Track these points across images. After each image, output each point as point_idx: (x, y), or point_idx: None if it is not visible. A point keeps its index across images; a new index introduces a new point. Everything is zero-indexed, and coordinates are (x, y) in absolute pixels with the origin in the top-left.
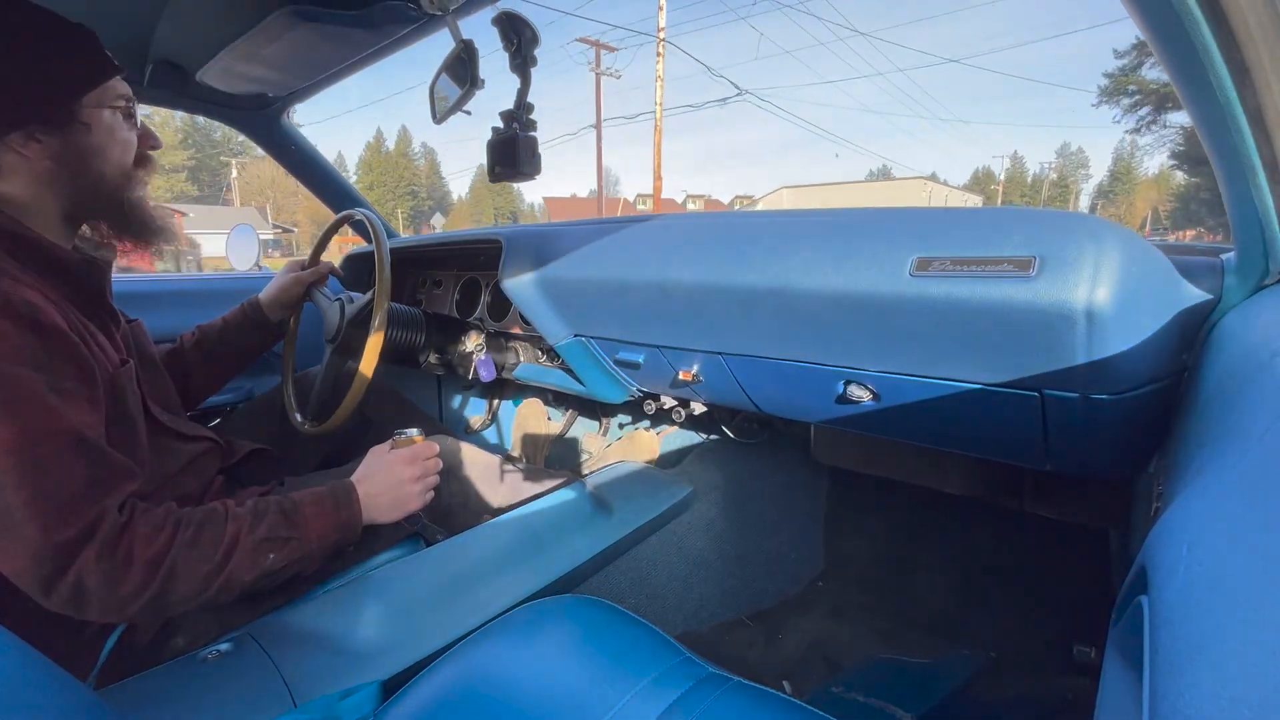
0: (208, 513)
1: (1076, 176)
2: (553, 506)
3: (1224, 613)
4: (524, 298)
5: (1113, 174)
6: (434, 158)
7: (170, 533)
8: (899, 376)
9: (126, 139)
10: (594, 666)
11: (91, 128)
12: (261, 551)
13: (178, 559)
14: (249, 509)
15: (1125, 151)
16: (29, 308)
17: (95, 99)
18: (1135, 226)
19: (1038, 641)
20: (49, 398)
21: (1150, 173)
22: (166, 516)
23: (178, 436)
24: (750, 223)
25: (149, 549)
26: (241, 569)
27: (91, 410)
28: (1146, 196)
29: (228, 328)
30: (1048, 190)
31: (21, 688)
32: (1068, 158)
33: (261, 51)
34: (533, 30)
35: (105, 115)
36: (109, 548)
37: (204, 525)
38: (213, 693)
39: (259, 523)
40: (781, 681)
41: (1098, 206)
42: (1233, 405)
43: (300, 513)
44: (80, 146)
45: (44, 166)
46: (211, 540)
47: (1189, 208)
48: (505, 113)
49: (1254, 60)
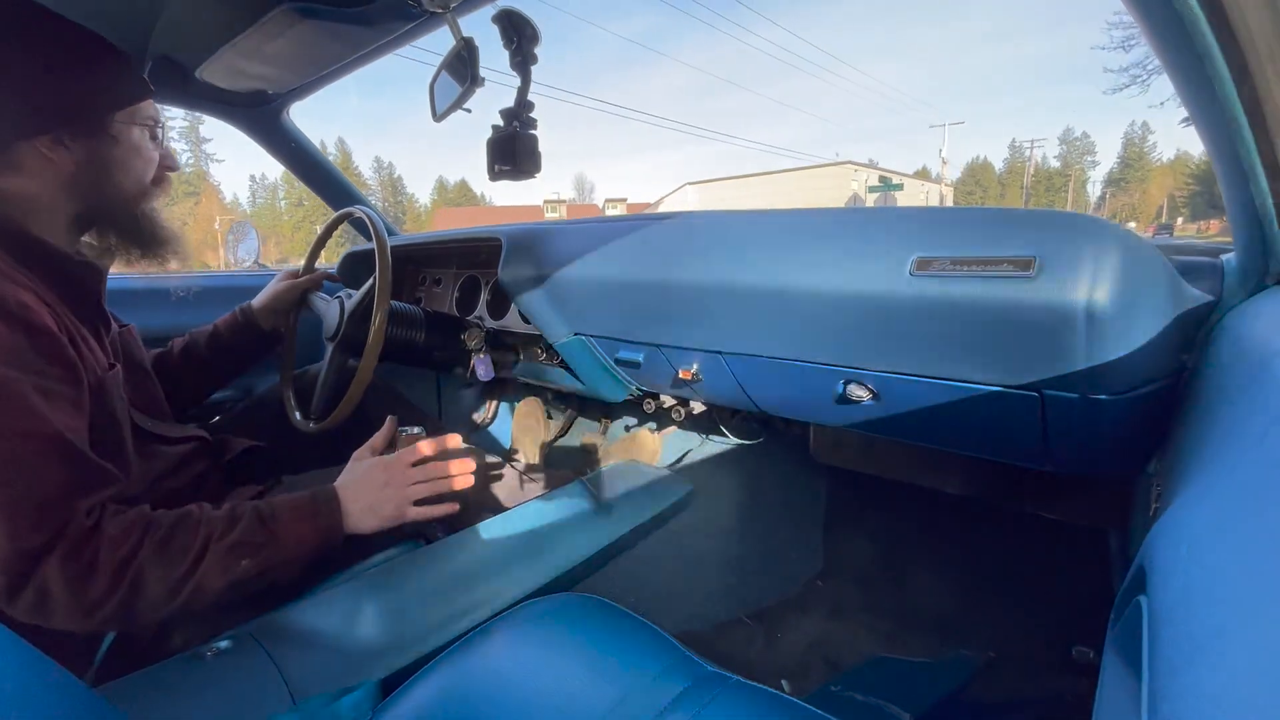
0: (180, 516)
1: (1082, 164)
2: (552, 505)
3: (1223, 613)
4: (524, 296)
5: (1123, 160)
6: (392, 172)
7: (138, 537)
8: (898, 376)
9: (150, 156)
10: (592, 665)
11: (119, 141)
12: (234, 557)
13: (145, 564)
14: (224, 513)
15: (1136, 136)
16: (21, 308)
17: (127, 116)
18: (1150, 215)
19: (1037, 642)
20: (33, 399)
21: (1165, 158)
22: (136, 521)
23: (163, 440)
24: (751, 222)
25: (115, 554)
26: (212, 575)
27: (76, 414)
28: (1161, 184)
29: (219, 334)
30: (1043, 180)
31: (19, 684)
32: (1071, 144)
33: (262, 48)
34: (533, 28)
35: (134, 132)
36: (74, 553)
37: (174, 529)
38: (211, 690)
39: (232, 528)
40: (780, 680)
41: (1108, 195)
42: (1232, 406)
43: (277, 519)
44: (105, 158)
45: (67, 171)
46: (181, 545)
47: (1213, 190)
48: (505, 111)
49: (1254, 61)
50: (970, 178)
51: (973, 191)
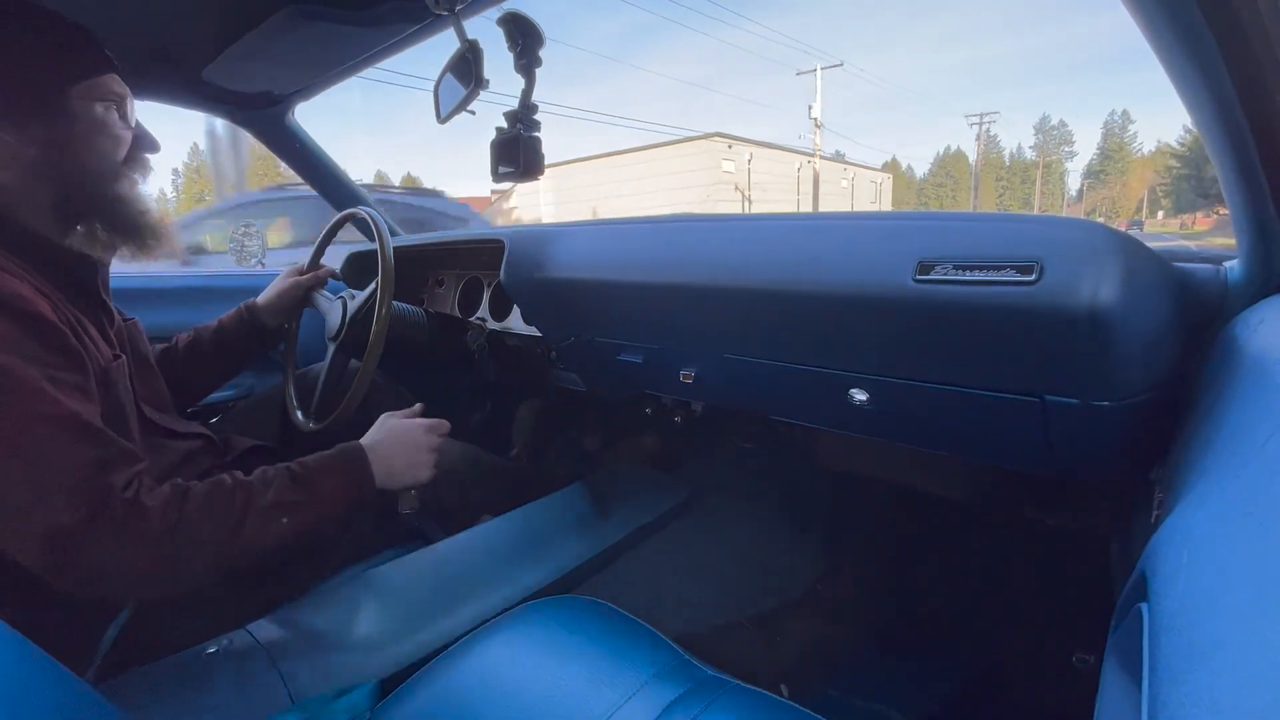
0: (214, 484)
1: (1059, 155)
2: (552, 507)
3: (1224, 620)
4: (525, 298)
5: (1103, 152)
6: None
7: (179, 505)
8: (900, 381)
9: (117, 134)
10: (591, 668)
11: (79, 119)
12: (274, 516)
13: (192, 530)
14: (257, 476)
15: (1117, 126)
16: (20, 300)
17: (84, 92)
18: (1130, 210)
19: (1037, 647)
20: (43, 385)
21: (1146, 150)
22: (173, 490)
23: (170, 434)
24: (754, 226)
25: (160, 523)
26: (257, 535)
27: (86, 399)
28: (1142, 176)
29: (223, 331)
30: (1019, 172)
31: (18, 681)
32: (1047, 133)
33: (267, 49)
34: (538, 31)
35: (96, 109)
36: (119, 525)
37: (212, 495)
38: (210, 689)
39: (268, 489)
40: (779, 685)
41: (1085, 188)
42: (1234, 413)
43: (310, 476)
44: (65, 137)
45: (29, 155)
46: (223, 509)
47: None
48: (509, 113)
49: (1259, 65)
50: (941, 170)
51: (943, 184)
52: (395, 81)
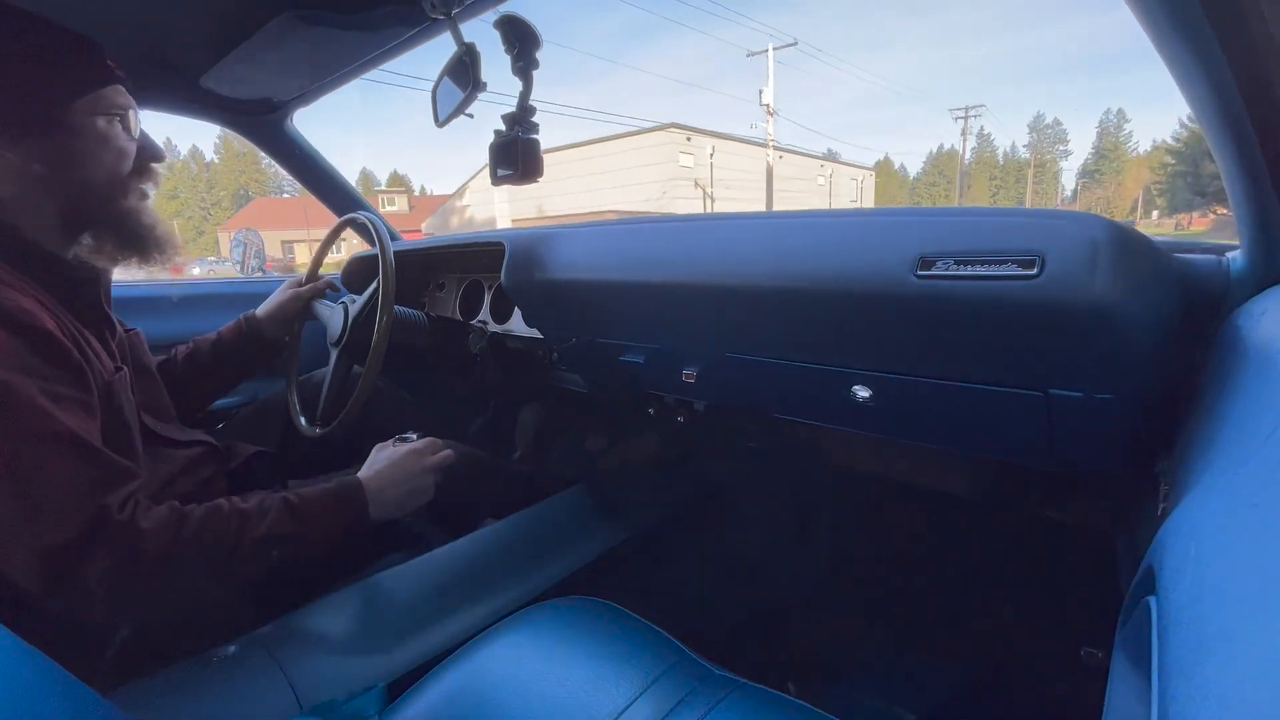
0: (211, 509)
1: (1054, 154)
2: (556, 509)
3: (1233, 614)
4: (526, 300)
5: (1098, 151)
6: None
7: (175, 529)
8: (902, 377)
9: (121, 147)
10: (598, 668)
11: (82, 133)
12: (266, 548)
13: (184, 555)
14: (254, 505)
15: (1112, 125)
16: (23, 314)
17: (87, 105)
18: (1125, 210)
19: (1044, 642)
20: (42, 402)
21: (1142, 149)
22: (170, 513)
23: (171, 443)
24: (754, 224)
25: (153, 545)
26: (247, 565)
27: (87, 415)
28: (1137, 176)
29: (222, 343)
30: (1013, 170)
31: (25, 690)
32: (1042, 132)
33: (264, 56)
34: (534, 34)
35: (99, 122)
36: (112, 546)
37: (207, 521)
38: (219, 696)
39: (262, 520)
40: (786, 683)
41: (1080, 188)
42: (1239, 405)
43: (306, 510)
44: (69, 151)
45: (33, 170)
46: (216, 538)
47: (1199, 171)
48: (507, 116)
49: (1259, 58)
50: (934, 169)
51: (935, 183)
52: (383, 80)
